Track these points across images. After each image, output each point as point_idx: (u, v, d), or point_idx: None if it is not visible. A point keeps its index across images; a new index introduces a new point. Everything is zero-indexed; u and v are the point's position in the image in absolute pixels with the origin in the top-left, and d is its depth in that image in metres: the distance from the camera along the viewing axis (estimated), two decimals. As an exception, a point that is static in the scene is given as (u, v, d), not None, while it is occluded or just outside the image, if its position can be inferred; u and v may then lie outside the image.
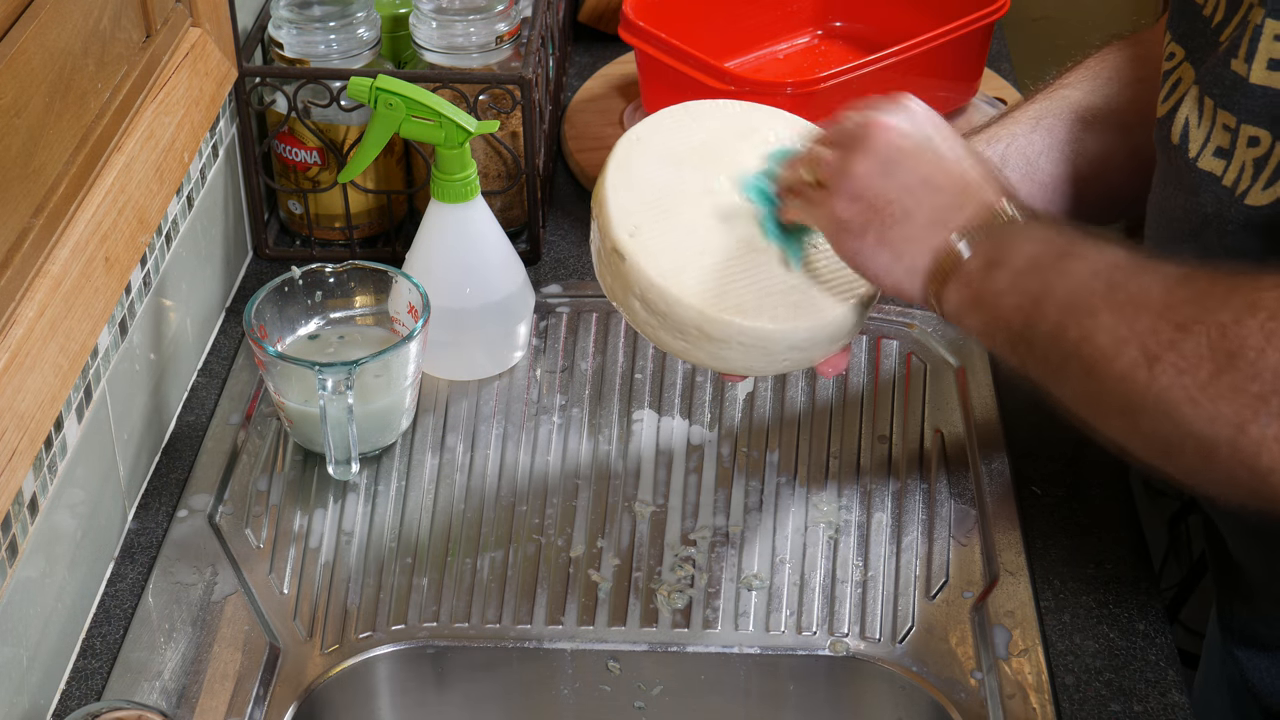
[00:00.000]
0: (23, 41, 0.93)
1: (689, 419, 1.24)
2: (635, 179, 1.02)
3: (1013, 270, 0.90)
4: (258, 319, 1.18)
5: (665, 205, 1.01)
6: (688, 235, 1.00)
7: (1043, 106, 1.12)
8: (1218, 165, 0.92)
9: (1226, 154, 0.92)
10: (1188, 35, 0.98)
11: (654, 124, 1.05)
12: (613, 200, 1.00)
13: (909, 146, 0.94)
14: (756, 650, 1.07)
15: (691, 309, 0.97)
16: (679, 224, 1.00)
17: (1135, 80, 1.11)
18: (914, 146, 0.95)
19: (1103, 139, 1.10)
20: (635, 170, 1.02)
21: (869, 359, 1.30)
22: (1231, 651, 1.09)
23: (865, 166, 0.94)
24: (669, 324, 0.98)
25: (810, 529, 1.15)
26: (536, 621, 1.08)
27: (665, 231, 0.99)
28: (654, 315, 0.99)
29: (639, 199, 1.01)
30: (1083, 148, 1.10)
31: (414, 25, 1.38)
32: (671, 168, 1.03)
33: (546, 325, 1.33)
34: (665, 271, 0.98)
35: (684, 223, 1.00)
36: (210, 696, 1.02)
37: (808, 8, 1.65)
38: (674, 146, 1.04)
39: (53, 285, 0.96)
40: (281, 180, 1.41)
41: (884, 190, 0.94)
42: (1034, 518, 1.15)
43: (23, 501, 0.97)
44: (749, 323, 0.97)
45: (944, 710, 1.03)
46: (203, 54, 1.22)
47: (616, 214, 1.00)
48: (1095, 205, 1.11)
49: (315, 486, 1.18)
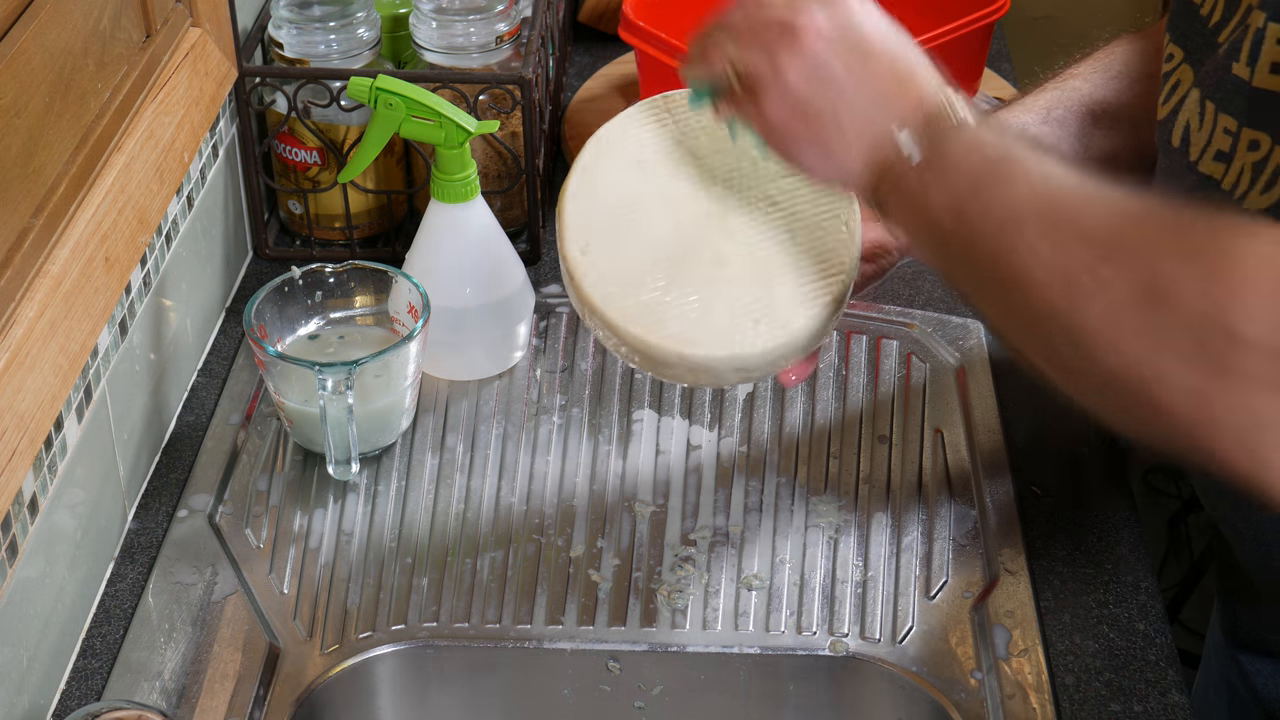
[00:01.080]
0: (23, 41, 0.93)
1: (689, 419, 1.24)
2: (598, 185, 1.00)
3: (946, 171, 0.87)
4: (258, 319, 1.18)
5: (623, 217, 0.99)
6: (642, 252, 0.98)
7: (1053, 97, 1.11)
8: (1218, 169, 0.92)
9: (1227, 158, 0.91)
10: (1186, 36, 0.98)
11: (625, 120, 1.03)
12: (570, 210, 0.99)
13: (841, 45, 0.90)
14: (756, 650, 1.07)
15: (632, 336, 0.96)
16: (634, 239, 0.98)
17: (1144, 76, 1.10)
18: (846, 45, 0.91)
19: (1111, 135, 1.09)
20: (599, 175, 1.01)
21: (869, 359, 1.30)
22: (1235, 655, 1.09)
23: (796, 69, 0.90)
24: (614, 343, 0.98)
25: (810, 529, 1.15)
26: (536, 621, 1.08)
27: (618, 248, 0.98)
28: (602, 331, 0.98)
29: (597, 209, 0.99)
30: (1091, 142, 1.09)
31: (414, 25, 1.38)
32: (637, 172, 1.01)
33: (546, 325, 1.33)
34: (609, 295, 0.96)
35: (640, 237, 0.99)
36: (210, 696, 1.02)
37: (808, 8, 1.65)
38: (644, 146, 1.02)
39: (53, 285, 0.96)
40: (281, 180, 1.41)
41: (817, 94, 0.90)
42: (1034, 518, 1.15)
43: (23, 501, 0.97)
44: (688, 351, 0.96)
45: (944, 710, 1.03)
46: (203, 54, 1.23)
47: (571, 227, 0.98)
48: None
49: (315, 486, 1.18)
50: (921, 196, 0.88)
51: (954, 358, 1.29)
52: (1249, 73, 0.89)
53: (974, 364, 1.28)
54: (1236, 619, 1.10)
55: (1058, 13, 2.23)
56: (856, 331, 1.32)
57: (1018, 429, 1.22)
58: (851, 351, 1.30)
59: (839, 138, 0.91)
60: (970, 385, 1.26)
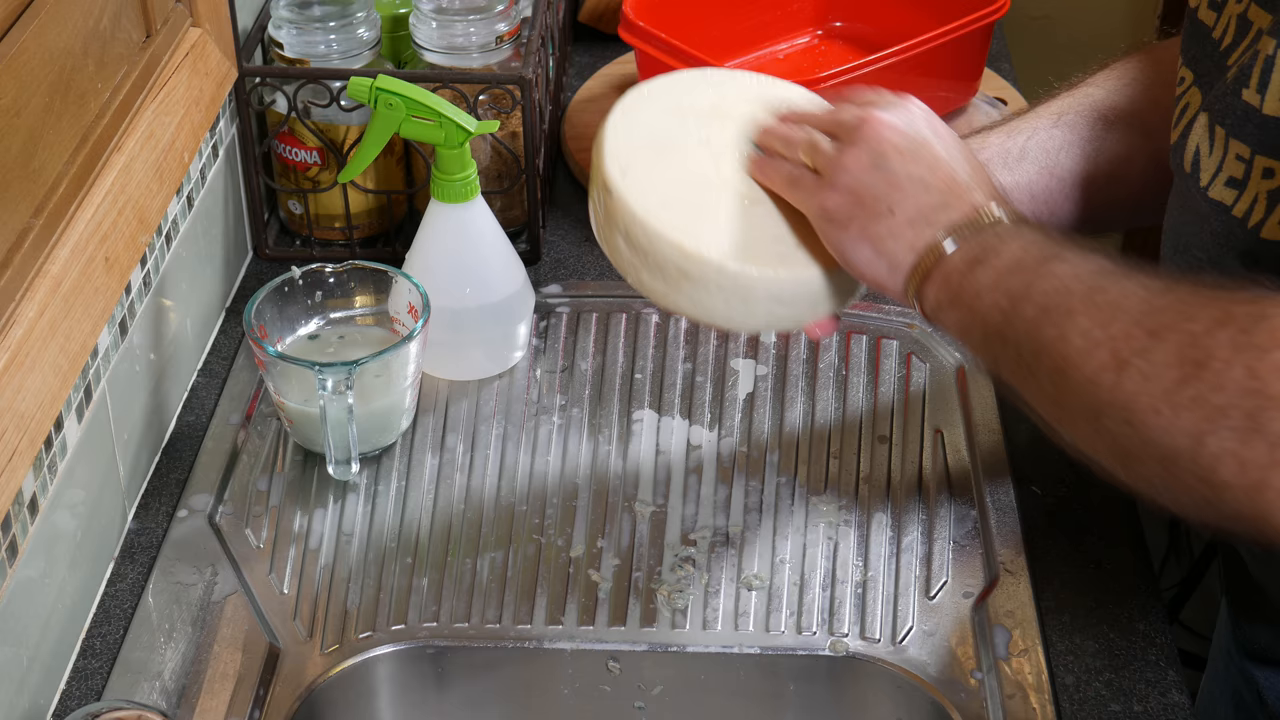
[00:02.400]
0: (23, 41, 0.93)
1: (689, 419, 1.24)
2: (636, 124, 1.01)
3: (995, 269, 0.90)
4: (258, 319, 1.18)
5: (661, 149, 1.00)
6: (678, 178, 0.99)
7: (1065, 103, 1.11)
8: (1229, 195, 0.91)
9: (1240, 184, 0.91)
10: (1197, 59, 0.97)
11: (668, 81, 1.05)
12: (610, 139, 1.00)
13: (903, 144, 0.95)
14: (756, 650, 1.07)
15: (671, 245, 0.96)
16: (671, 167, 1.00)
17: (1159, 84, 1.09)
18: (908, 145, 0.95)
19: (1124, 140, 1.09)
20: (638, 116, 1.02)
21: (869, 359, 1.30)
22: (1244, 667, 1.08)
23: (856, 160, 0.95)
24: (650, 262, 0.98)
25: (810, 529, 1.15)
26: (536, 621, 1.08)
27: (656, 173, 0.99)
28: (636, 254, 0.98)
29: (636, 141, 1.00)
30: (1104, 146, 1.09)
31: (414, 25, 1.38)
32: (675, 119, 1.02)
33: (546, 325, 1.33)
34: (650, 207, 0.97)
35: (676, 167, 1.00)
36: (210, 696, 1.02)
37: (808, 8, 1.65)
38: (682, 102, 1.03)
39: (53, 285, 0.96)
40: (281, 180, 1.41)
41: (872, 185, 0.94)
42: (1034, 518, 1.15)
43: (23, 501, 0.97)
44: (728, 263, 0.96)
45: (944, 710, 1.03)
46: (203, 54, 1.22)
47: (610, 152, 0.99)
48: (1114, 207, 1.11)
49: (315, 486, 1.18)
50: (971, 293, 0.91)
51: (954, 358, 1.29)
52: (1259, 100, 0.88)
53: (974, 364, 1.28)
54: (1246, 631, 1.09)
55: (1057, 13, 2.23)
56: (856, 331, 1.32)
57: (1018, 429, 1.22)
58: (851, 351, 1.30)
59: (889, 231, 0.94)
60: (970, 385, 1.26)
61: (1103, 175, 1.09)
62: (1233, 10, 0.94)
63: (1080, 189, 1.09)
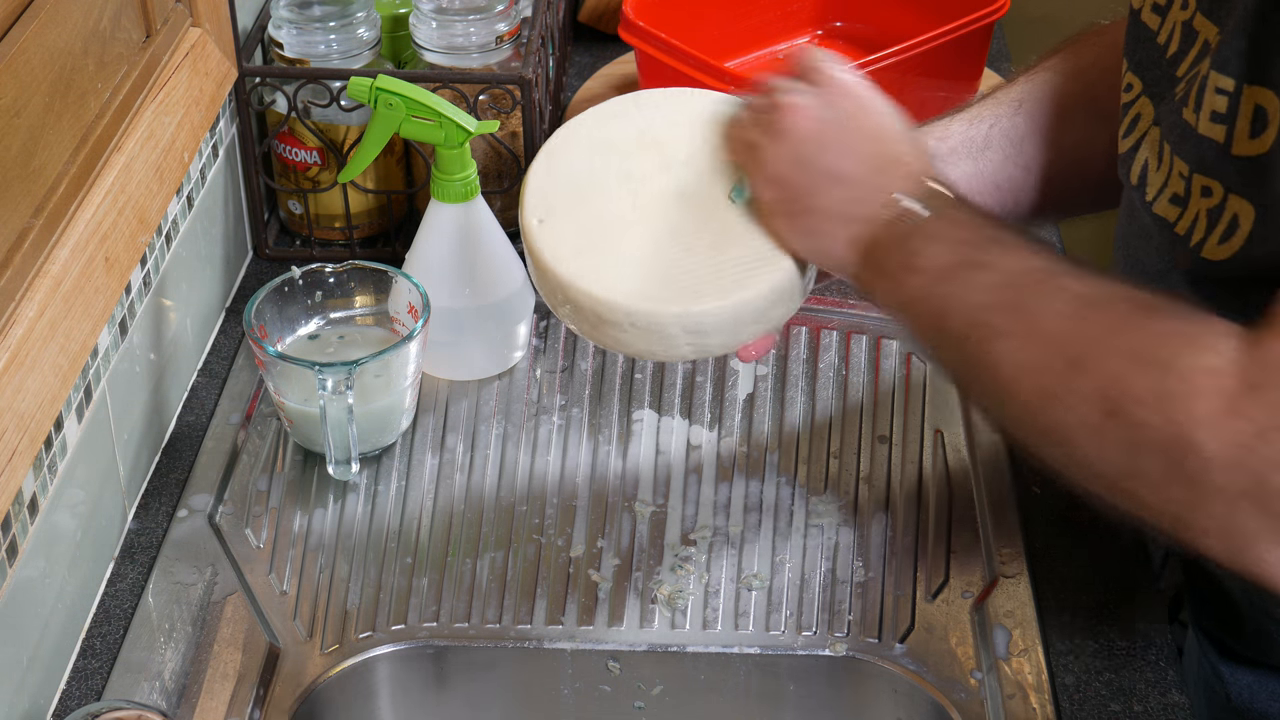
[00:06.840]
0: (23, 41, 0.93)
1: (689, 419, 1.24)
2: (558, 166, 1.02)
3: (924, 276, 0.90)
4: (258, 319, 1.18)
5: (580, 191, 1.01)
6: (593, 221, 1.00)
7: (1024, 89, 1.11)
8: (1173, 212, 0.91)
9: (1182, 201, 0.91)
10: (1143, 64, 0.97)
11: (597, 113, 1.05)
12: (530, 186, 1.01)
13: (818, 132, 0.94)
14: (756, 650, 1.07)
15: (582, 293, 0.97)
16: (589, 208, 1.00)
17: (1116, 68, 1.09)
18: (823, 132, 0.94)
19: (1084, 127, 1.09)
20: (561, 157, 1.03)
21: (869, 359, 1.30)
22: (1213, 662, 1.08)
23: (775, 154, 0.95)
24: (570, 309, 0.99)
25: (810, 529, 1.15)
26: (536, 621, 1.09)
27: (573, 217, 1.00)
28: (557, 301, 0.99)
29: (558, 184, 1.01)
30: (1063, 137, 1.09)
31: (414, 25, 1.38)
32: (600, 156, 1.02)
33: (546, 325, 1.33)
34: (561, 257, 0.98)
35: (595, 207, 1.00)
36: (210, 696, 1.02)
37: (808, 8, 1.65)
38: (610, 134, 1.03)
39: (53, 285, 0.96)
40: (281, 180, 1.41)
41: (791, 178, 0.94)
42: (1034, 518, 1.15)
43: (23, 501, 0.97)
44: (636, 305, 0.97)
45: (944, 710, 1.03)
46: (203, 54, 1.23)
47: (529, 203, 1.01)
48: (1079, 194, 1.11)
49: (315, 486, 1.18)
50: (906, 298, 0.91)
51: (954, 358, 1.29)
52: (1195, 119, 0.88)
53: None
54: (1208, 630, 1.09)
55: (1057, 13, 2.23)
56: (856, 331, 1.32)
57: (1018, 429, 1.22)
58: (851, 351, 1.30)
59: (816, 226, 0.94)
60: (970, 385, 1.26)
61: (1066, 163, 1.09)
62: (1177, 17, 0.94)
63: (1044, 176, 1.09)
